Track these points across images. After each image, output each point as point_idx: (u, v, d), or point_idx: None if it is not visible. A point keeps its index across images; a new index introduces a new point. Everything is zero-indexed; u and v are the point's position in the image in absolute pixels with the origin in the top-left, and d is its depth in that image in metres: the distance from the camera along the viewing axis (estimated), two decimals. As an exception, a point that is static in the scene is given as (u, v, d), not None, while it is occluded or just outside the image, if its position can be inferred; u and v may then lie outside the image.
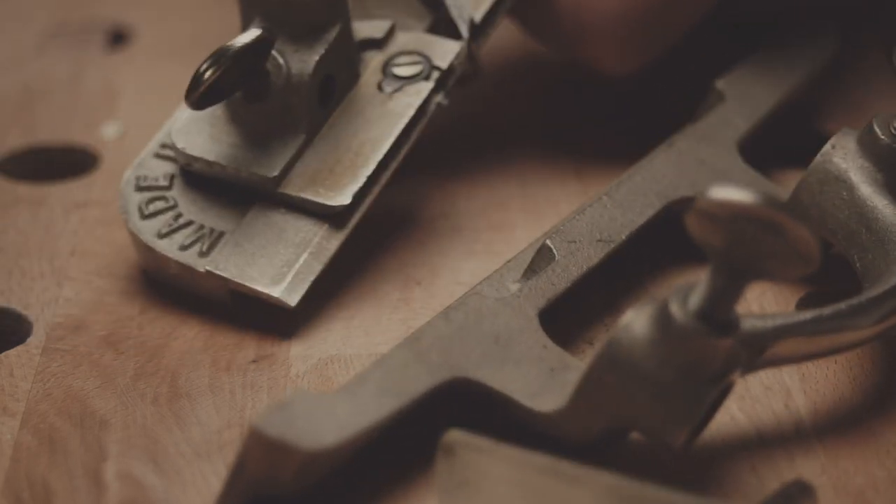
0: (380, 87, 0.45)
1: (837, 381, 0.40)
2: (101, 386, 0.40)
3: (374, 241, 0.46)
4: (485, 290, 0.40)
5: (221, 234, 0.43)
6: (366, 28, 0.46)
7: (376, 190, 0.44)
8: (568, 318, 0.42)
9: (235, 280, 0.42)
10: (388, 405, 0.36)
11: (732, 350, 0.35)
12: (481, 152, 0.50)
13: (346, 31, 0.44)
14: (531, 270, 0.41)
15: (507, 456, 0.34)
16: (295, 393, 0.36)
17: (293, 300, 0.42)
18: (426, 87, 0.45)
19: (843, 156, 0.42)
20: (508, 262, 0.42)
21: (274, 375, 0.41)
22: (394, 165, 0.44)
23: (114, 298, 0.43)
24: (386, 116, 0.44)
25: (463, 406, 0.38)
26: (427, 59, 0.45)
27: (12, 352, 0.42)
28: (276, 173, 0.43)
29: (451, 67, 0.45)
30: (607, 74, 0.49)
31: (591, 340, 0.42)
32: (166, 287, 0.44)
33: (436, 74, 0.45)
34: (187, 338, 0.42)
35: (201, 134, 0.44)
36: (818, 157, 0.42)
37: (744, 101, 0.47)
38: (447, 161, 0.49)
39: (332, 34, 0.43)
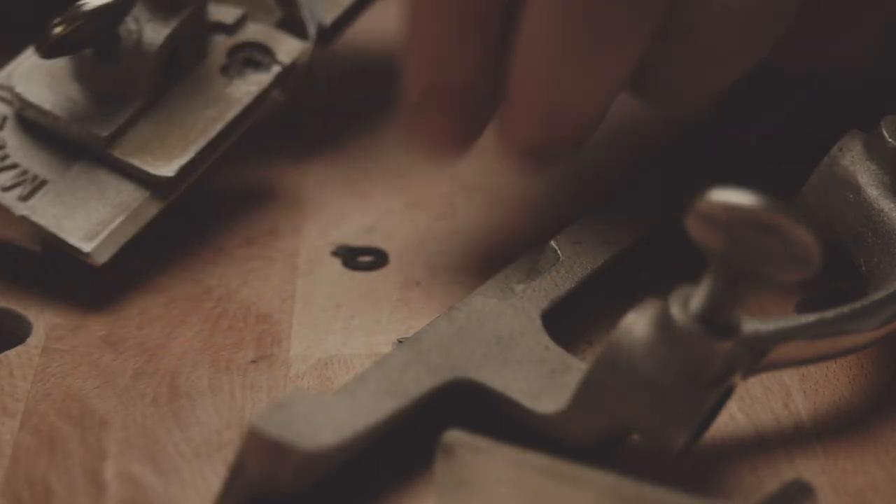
0: (222, 71, 0.46)
1: (837, 381, 0.40)
2: (100, 386, 0.40)
3: (373, 240, 0.46)
4: (489, 291, 0.40)
5: (44, 183, 0.43)
6: (219, 12, 0.47)
7: (202, 168, 0.45)
8: (571, 319, 0.42)
9: (49, 229, 0.43)
10: (387, 405, 0.36)
11: (733, 353, 0.35)
12: (480, 152, 0.50)
13: (200, 11, 0.45)
14: (535, 271, 0.41)
15: (507, 456, 0.34)
16: (294, 393, 0.36)
17: (102, 258, 0.43)
18: (265, 79, 0.46)
19: (850, 158, 0.42)
20: (513, 263, 0.42)
21: (274, 375, 0.41)
22: (223, 147, 0.45)
23: (113, 298, 0.43)
24: (224, 99, 0.45)
25: (463, 406, 0.38)
26: (272, 53, 0.46)
27: (12, 352, 0.42)
28: (107, 133, 0.43)
29: (292, 65, 0.46)
30: None
31: (591, 341, 0.42)
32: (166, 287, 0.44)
33: (276, 69, 0.46)
34: (187, 338, 0.42)
35: (41, 82, 0.44)
36: (825, 160, 0.42)
37: None
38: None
39: (187, 12, 0.45)
